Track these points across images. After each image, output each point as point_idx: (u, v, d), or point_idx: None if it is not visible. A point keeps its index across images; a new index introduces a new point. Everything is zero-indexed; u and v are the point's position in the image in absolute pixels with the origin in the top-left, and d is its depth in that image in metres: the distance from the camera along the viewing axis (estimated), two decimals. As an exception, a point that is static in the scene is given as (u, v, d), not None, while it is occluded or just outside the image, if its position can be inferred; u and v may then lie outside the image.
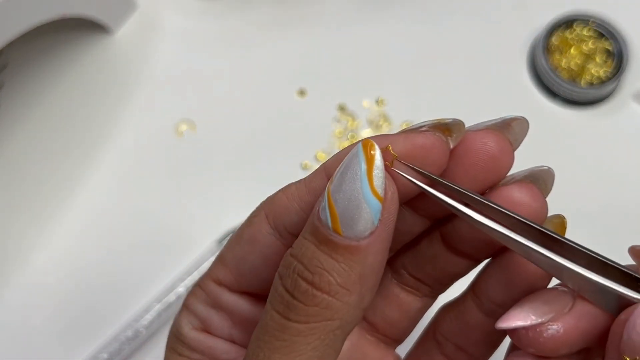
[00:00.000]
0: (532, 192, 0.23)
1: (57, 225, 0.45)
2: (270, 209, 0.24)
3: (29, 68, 0.49)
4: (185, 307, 0.26)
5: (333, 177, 0.21)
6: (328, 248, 0.20)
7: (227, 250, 0.25)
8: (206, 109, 0.48)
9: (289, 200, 0.23)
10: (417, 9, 0.51)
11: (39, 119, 0.48)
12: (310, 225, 0.21)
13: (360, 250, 0.20)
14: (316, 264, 0.20)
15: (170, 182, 0.46)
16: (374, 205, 0.20)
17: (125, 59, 0.50)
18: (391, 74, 0.49)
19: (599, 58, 0.48)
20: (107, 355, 0.41)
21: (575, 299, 0.21)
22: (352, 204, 0.20)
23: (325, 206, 0.20)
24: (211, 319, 0.25)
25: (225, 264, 0.25)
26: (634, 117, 0.48)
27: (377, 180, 0.20)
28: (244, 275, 0.24)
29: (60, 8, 0.43)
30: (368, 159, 0.20)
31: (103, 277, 0.44)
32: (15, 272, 0.44)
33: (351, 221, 0.20)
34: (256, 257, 0.24)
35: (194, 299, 0.26)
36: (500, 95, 0.49)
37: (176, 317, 0.26)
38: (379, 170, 0.20)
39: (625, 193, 0.46)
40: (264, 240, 0.24)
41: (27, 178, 0.47)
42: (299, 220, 0.23)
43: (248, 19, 0.51)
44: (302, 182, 0.23)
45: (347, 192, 0.20)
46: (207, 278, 0.25)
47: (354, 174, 0.20)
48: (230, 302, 0.25)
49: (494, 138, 0.22)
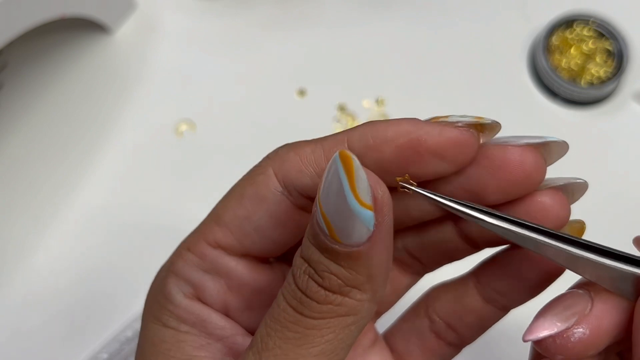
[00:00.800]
0: (562, 202, 0.23)
1: (57, 225, 0.45)
2: (280, 168, 0.22)
3: (29, 68, 0.49)
4: (172, 272, 0.24)
5: (320, 186, 0.20)
6: (330, 255, 0.20)
7: (225, 209, 0.23)
8: (206, 109, 0.48)
9: (303, 163, 0.22)
10: (417, 9, 0.51)
11: (39, 119, 0.48)
12: (312, 229, 0.20)
13: (361, 255, 0.20)
14: (323, 269, 0.20)
15: (170, 182, 0.46)
16: (365, 215, 0.19)
17: (124, 59, 0.50)
18: (391, 74, 0.49)
19: (599, 58, 0.48)
20: (107, 355, 0.41)
21: (593, 298, 0.21)
22: (342, 216, 0.19)
23: (319, 216, 0.20)
24: (205, 285, 0.23)
25: (223, 225, 0.23)
26: (634, 117, 0.48)
27: (361, 191, 0.19)
28: (248, 236, 0.23)
29: (59, 8, 0.43)
30: (348, 172, 0.19)
31: (103, 277, 0.44)
32: (15, 272, 0.44)
33: (346, 232, 0.20)
34: (263, 215, 0.23)
35: (184, 263, 0.23)
36: (500, 95, 0.49)
37: (160, 282, 0.24)
38: (361, 180, 0.19)
39: (625, 193, 0.46)
40: (272, 198, 0.22)
41: (26, 178, 0.47)
42: (312, 185, 0.22)
43: (248, 18, 0.51)
44: (318, 144, 0.22)
45: (335, 205, 0.19)
46: (198, 240, 0.23)
47: (338, 188, 0.19)
48: (230, 266, 0.23)
49: (533, 157, 0.22)
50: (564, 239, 0.21)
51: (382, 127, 0.21)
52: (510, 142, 0.22)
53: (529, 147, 0.22)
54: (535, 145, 0.22)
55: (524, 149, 0.22)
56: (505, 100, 0.49)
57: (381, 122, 0.22)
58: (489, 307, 0.25)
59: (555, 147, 0.23)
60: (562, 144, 0.23)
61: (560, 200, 0.23)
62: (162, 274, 0.24)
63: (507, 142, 0.22)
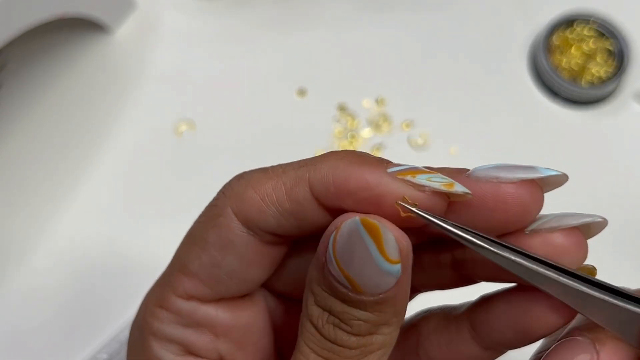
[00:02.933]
0: (579, 242, 0.21)
1: (57, 225, 0.45)
2: (239, 208, 0.21)
3: (29, 68, 0.49)
4: (151, 335, 0.22)
5: (334, 243, 0.19)
6: (355, 305, 0.19)
7: (189, 257, 0.22)
8: (206, 109, 0.48)
9: (264, 202, 0.21)
10: (418, 9, 0.51)
11: (38, 118, 0.48)
12: (325, 281, 0.19)
13: (388, 300, 0.19)
14: (350, 318, 0.19)
15: (170, 181, 0.46)
16: (394, 270, 0.19)
17: (124, 59, 0.50)
18: (391, 74, 0.49)
19: (599, 58, 0.48)
20: (107, 355, 0.41)
21: (598, 350, 0.19)
22: (369, 276, 0.19)
23: (339, 272, 0.19)
24: (190, 339, 0.22)
25: (190, 274, 0.22)
26: (634, 117, 0.48)
27: (390, 251, 0.19)
28: (220, 282, 0.22)
29: (59, 7, 0.43)
30: (376, 239, 0.18)
31: (103, 277, 0.44)
32: (15, 272, 0.44)
33: (372, 286, 0.19)
34: (231, 259, 0.21)
35: (160, 323, 0.22)
36: (501, 95, 0.49)
37: (142, 348, 0.22)
38: (390, 242, 0.19)
39: (626, 192, 0.46)
40: (238, 241, 0.21)
41: (25, 178, 0.46)
42: (277, 224, 0.21)
43: (248, 18, 0.51)
44: (279, 181, 0.21)
45: (361, 269, 0.19)
46: (167, 294, 0.22)
47: (364, 253, 0.19)
48: (209, 314, 0.22)
49: (530, 195, 0.20)
50: (574, 276, 0.19)
51: (343, 174, 0.20)
52: (502, 177, 0.20)
53: (525, 183, 0.20)
54: (531, 180, 0.20)
55: (519, 186, 0.20)
56: (505, 100, 0.48)
57: (344, 163, 0.20)
58: (490, 353, 0.23)
59: (553, 180, 0.20)
60: (561, 177, 0.21)
61: (578, 242, 0.21)
62: (137, 337, 0.23)
63: (499, 177, 0.20)
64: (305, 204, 0.20)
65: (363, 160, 0.20)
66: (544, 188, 0.20)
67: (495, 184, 0.20)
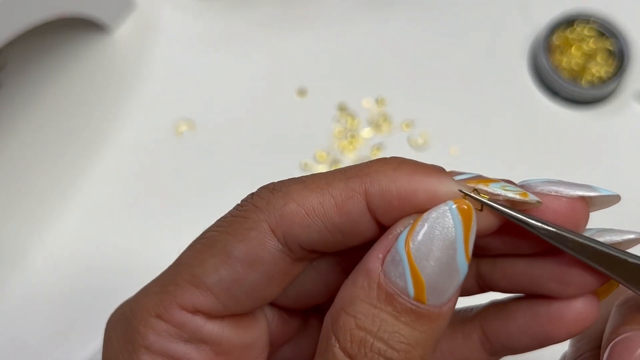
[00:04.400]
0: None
1: (56, 225, 0.45)
2: (279, 223, 0.19)
3: (28, 68, 0.49)
4: (144, 348, 0.20)
5: (410, 236, 0.18)
6: (410, 318, 0.18)
7: (206, 270, 0.20)
8: (206, 109, 0.48)
9: (310, 217, 0.19)
10: (418, 9, 0.51)
11: (38, 118, 0.48)
12: (379, 292, 0.18)
13: (442, 316, 0.18)
14: (400, 340, 0.18)
15: (170, 181, 0.46)
16: (464, 269, 0.18)
17: (123, 58, 0.50)
18: (391, 73, 0.49)
19: (600, 57, 0.48)
20: (106, 355, 0.41)
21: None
22: (445, 272, 0.18)
23: (407, 272, 0.18)
24: (190, 356, 0.20)
25: (205, 288, 0.20)
26: (635, 117, 0.48)
27: (471, 244, 0.18)
28: (235, 300, 0.20)
29: (59, 7, 0.43)
30: (466, 224, 0.18)
31: (103, 277, 0.44)
32: (14, 272, 0.44)
33: (442, 290, 0.18)
34: (257, 277, 0.20)
35: (156, 335, 0.20)
36: (501, 95, 0.49)
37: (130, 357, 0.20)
38: (474, 234, 0.18)
39: (626, 192, 0.46)
40: (269, 258, 0.19)
41: (25, 177, 0.46)
42: (319, 240, 0.19)
43: (247, 18, 0.51)
44: (326, 194, 0.19)
45: (439, 259, 0.18)
46: (170, 305, 0.20)
47: (450, 241, 0.18)
48: (214, 332, 0.20)
49: (583, 210, 0.21)
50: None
51: (409, 186, 0.19)
52: (562, 192, 0.20)
53: (581, 199, 0.20)
54: (587, 198, 0.21)
55: (576, 201, 0.20)
56: (506, 100, 0.48)
57: (404, 173, 0.19)
58: (492, 358, 0.23)
59: (607, 199, 0.21)
60: (614, 197, 0.21)
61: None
62: (122, 345, 0.20)
63: (559, 191, 0.20)
64: (358, 218, 0.19)
65: (424, 168, 0.19)
66: (594, 206, 0.21)
67: (555, 197, 0.20)
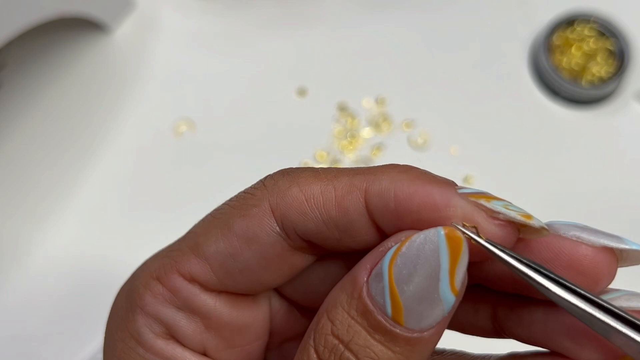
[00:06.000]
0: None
1: (56, 225, 0.45)
2: (279, 204, 0.19)
3: (28, 68, 0.49)
4: (139, 308, 0.20)
5: (395, 255, 0.17)
6: (385, 338, 0.17)
7: (207, 239, 0.20)
8: (205, 109, 0.48)
9: (309, 205, 0.19)
10: (418, 8, 0.51)
11: (38, 118, 0.48)
12: (358, 304, 0.17)
13: (422, 341, 0.17)
14: (370, 356, 0.17)
15: (170, 181, 0.46)
16: (450, 301, 0.17)
17: (123, 58, 0.50)
18: (391, 73, 0.49)
19: (600, 57, 0.48)
20: (106, 356, 0.41)
21: None
22: (424, 301, 0.17)
23: (386, 292, 0.17)
24: (179, 324, 0.20)
25: (202, 257, 0.20)
26: (635, 117, 0.48)
27: (458, 278, 0.17)
28: (230, 275, 0.20)
29: (59, 7, 0.43)
30: (453, 254, 0.17)
31: (103, 277, 0.44)
32: (14, 272, 0.44)
33: (419, 317, 0.17)
34: (252, 256, 0.19)
35: (153, 297, 0.20)
36: (501, 94, 0.49)
37: (125, 317, 0.21)
38: (462, 267, 0.17)
39: (626, 192, 0.46)
40: (266, 239, 0.19)
41: (24, 178, 0.46)
42: (316, 232, 0.19)
43: (247, 18, 0.51)
44: (329, 184, 0.19)
45: (420, 287, 0.17)
46: (170, 269, 0.20)
47: (432, 270, 0.17)
48: (207, 304, 0.20)
49: (608, 262, 0.18)
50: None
51: (408, 189, 0.18)
52: (583, 238, 0.18)
53: (606, 250, 0.18)
54: (612, 249, 0.18)
55: (599, 252, 0.18)
56: (506, 99, 0.48)
57: (408, 177, 0.18)
58: None
59: (634, 255, 0.19)
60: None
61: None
62: (124, 303, 0.21)
63: (580, 237, 0.18)
64: (354, 216, 0.19)
65: (430, 177, 0.18)
66: (622, 261, 0.19)
67: (575, 243, 0.18)
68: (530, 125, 0.48)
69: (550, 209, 0.44)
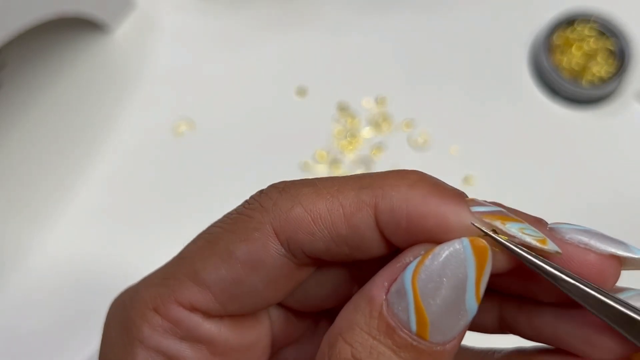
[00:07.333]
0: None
1: (55, 225, 0.45)
2: (283, 227, 0.18)
3: (28, 68, 0.49)
4: (138, 341, 0.19)
5: (418, 270, 0.17)
6: (409, 355, 0.17)
7: (206, 267, 0.19)
8: (205, 109, 0.48)
9: (316, 224, 0.18)
10: (418, 8, 0.51)
11: (38, 118, 0.48)
12: (380, 323, 0.17)
13: (445, 354, 0.17)
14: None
15: (169, 181, 0.46)
16: (474, 310, 0.17)
17: (123, 58, 0.50)
18: (391, 73, 0.49)
19: (600, 57, 0.48)
20: (106, 356, 0.41)
21: None
22: (451, 312, 0.17)
23: (411, 308, 0.17)
24: (184, 354, 0.19)
25: (204, 285, 0.19)
26: (635, 117, 0.48)
27: (483, 286, 0.17)
28: (234, 300, 0.19)
29: (58, 7, 0.43)
30: (479, 264, 0.17)
31: (102, 277, 0.44)
32: (14, 272, 0.44)
33: (447, 329, 0.17)
34: (258, 280, 0.19)
35: (152, 330, 0.19)
36: (501, 94, 0.48)
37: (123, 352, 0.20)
38: (487, 277, 0.17)
39: (626, 192, 0.46)
40: (272, 262, 0.19)
41: (24, 178, 0.46)
42: (325, 250, 0.18)
43: (247, 18, 0.51)
44: (336, 201, 0.18)
45: (447, 299, 0.17)
46: (168, 300, 0.19)
47: (458, 280, 0.17)
48: (210, 331, 0.20)
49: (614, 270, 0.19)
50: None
51: (421, 208, 0.18)
52: (592, 245, 0.19)
53: (613, 256, 0.19)
54: (619, 257, 0.19)
55: (606, 259, 0.18)
56: (506, 99, 0.48)
57: (420, 193, 0.18)
58: None
59: (638, 262, 0.19)
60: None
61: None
62: (118, 334, 0.20)
63: (589, 244, 0.19)
64: (366, 233, 0.18)
65: (441, 192, 0.18)
66: (625, 266, 0.19)
67: (584, 251, 0.18)
68: (530, 125, 0.48)
69: (550, 208, 0.44)
